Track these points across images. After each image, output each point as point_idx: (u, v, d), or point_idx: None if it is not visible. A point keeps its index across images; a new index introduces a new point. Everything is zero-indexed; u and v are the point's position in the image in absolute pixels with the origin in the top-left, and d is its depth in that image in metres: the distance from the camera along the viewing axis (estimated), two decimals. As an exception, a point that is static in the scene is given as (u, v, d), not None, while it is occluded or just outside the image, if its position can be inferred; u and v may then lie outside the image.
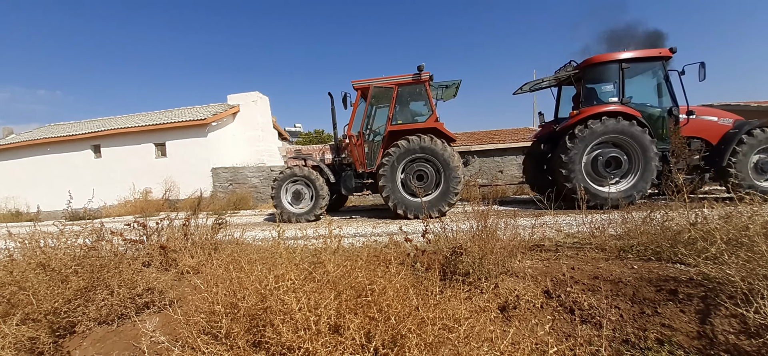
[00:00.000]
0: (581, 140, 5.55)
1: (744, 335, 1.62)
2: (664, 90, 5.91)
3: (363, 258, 1.83)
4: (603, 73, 5.96)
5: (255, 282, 1.63)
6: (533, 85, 7.21)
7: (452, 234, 2.79)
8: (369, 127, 6.69)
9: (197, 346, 1.45)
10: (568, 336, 1.91)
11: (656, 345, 1.74)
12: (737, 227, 2.16)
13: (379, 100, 6.59)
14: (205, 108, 15.21)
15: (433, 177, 5.99)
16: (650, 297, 2.04)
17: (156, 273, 2.65)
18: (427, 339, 1.33)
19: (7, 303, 2.07)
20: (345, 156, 6.97)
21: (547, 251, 2.98)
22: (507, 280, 2.39)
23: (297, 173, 6.54)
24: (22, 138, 15.45)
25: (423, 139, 5.84)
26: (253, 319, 1.55)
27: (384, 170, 6.00)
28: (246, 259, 1.97)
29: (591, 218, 3.26)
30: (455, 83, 6.78)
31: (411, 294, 1.55)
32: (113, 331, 2.15)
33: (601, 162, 5.62)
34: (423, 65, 6.00)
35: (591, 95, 6.10)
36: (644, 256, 2.56)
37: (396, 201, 6.01)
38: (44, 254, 2.35)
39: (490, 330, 1.48)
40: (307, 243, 2.93)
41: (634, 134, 5.45)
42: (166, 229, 3.40)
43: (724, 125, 5.85)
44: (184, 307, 1.88)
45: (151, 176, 12.97)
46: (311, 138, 34.26)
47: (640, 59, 5.81)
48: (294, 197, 6.70)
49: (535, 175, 7.30)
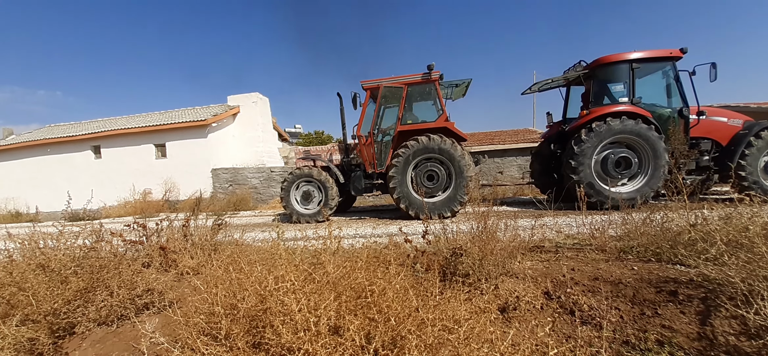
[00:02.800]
0: (597, 134, 5.52)
1: (744, 336, 1.62)
2: (674, 90, 5.90)
3: (363, 259, 1.83)
4: (613, 73, 5.94)
5: (255, 283, 1.63)
6: (542, 85, 7.18)
7: (452, 235, 2.78)
8: (378, 127, 6.64)
9: (197, 347, 1.45)
10: (569, 337, 1.91)
11: (656, 346, 1.74)
12: (737, 229, 2.16)
13: (388, 100, 6.56)
14: (205, 109, 15.22)
15: (444, 178, 5.95)
16: (650, 298, 2.04)
17: (156, 274, 2.65)
18: (427, 340, 1.32)
19: (6, 303, 2.07)
20: (354, 156, 6.94)
21: (548, 253, 2.97)
22: (507, 281, 2.39)
23: (307, 173, 6.50)
24: (22, 139, 15.45)
25: (433, 139, 5.76)
26: (252, 320, 1.54)
27: (394, 170, 5.93)
28: (246, 260, 1.96)
29: (591, 219, 3.26)
30: (465, 82, 6.75)
31: (411, 295, 1.55)
32: (113, 332, 2.15)
33: (611, 161, 5.60)
34: (433, 64, 5.97)
35: (601, 94, 6.08)
36: (644, 257, 2.55)
37: (408, 202, 5.95)
38: (44, 255, 2.35)
39: (490, 331, 1.48)
40: (306, 244, 2.93)
41: (647, 136, 5.42)
42: (166, 230, 3.40)
43: (734, 125, 5.83)
44: (184, 308, 1.88)
45: (151, 176, 12.97)
46: (311, 139, 34.28)
47: (651, 59, 5.79)
48: (303, 198, 6.67)
49: (542, 175, 7.28)
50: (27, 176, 14.74)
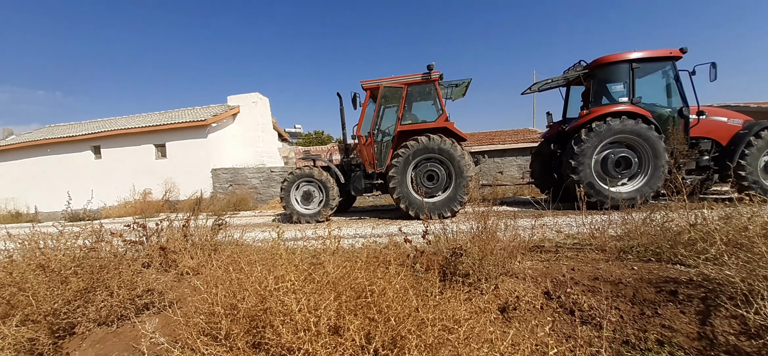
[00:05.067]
0: (597, 134, 5.53)
1: (744, 336, 1.62)
2: (674, 90, 5.90)
3: (363, 259, 1.83)
4: (613, 73, 5.95)
5: (255, 283, 1.63)
6: (542, 84, 7.18)
7: (452, 235, 2.78)
8: (378, 127, 6.64)
9: (197, 347, 1.45)
10: (569, 337, 1.91)
11: (656, 346, 1.74)
12: (737, 228, 2.16)
13: (388, 100, 6.56)
14: (205, 109, 15.22)
15: (444, 178, 5.95)
16: (650, 298, 2.04)
17: (156, 274, 2.65)
18: (426, 340, 1.32)
19: (6, 304, 2.07)
20: (354, 156, 6.93)
21: (547, 252, 2.97)
22: (507, 281, 2.39)
23: (308, 173, 6.50)
24: (22, 139, 15.45)
25: (433, 139, 5.76)
26: (252, 320, 1.55)
27: (394, 170, 5.93)
28: (246, 260, 1.96)
29: (591, 219, 3.26)
30: (465, 82, 6.75)
31: (411, 295, 1.55)
32: (113, 332, 2.15)
33: (611, 161, 5.61)
34: (433, 64, 5.97)
35: (601, 94, 6.09)
36: (644, 257, 2.55)
37: (408, 202, 5.95)
38: (44, 255, 2.35)
39: (490, 331, 1.48)
40: (306, 244, 2.93)
41: (647, 135, 5.42)
42: (166, 230, 3.40)
43: (734, 125, 5.84)
44: (184, 308, 1.88)
45: (151, 177, 12.97)
46: (311, 139, 34.27)
47: (651, 59, 5.79)
48: (304, 198, 6.67)
49: (542, 175, 7.29)
50: (27, 176, 14.75)
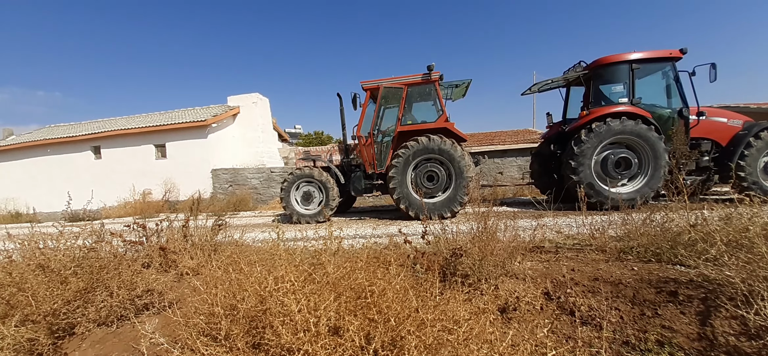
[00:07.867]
0: (597, 134, 5.53)
1: (744, 336, 1.62)
2: (674, 91, 5.91)
3: (363, 260, 1.83)
4: (613, 74, 5.95)
5: (254, 284, 1.62)
6: (542, 85, 7.19)
7: (452, 236, 2.78)
8: (378, 128, 6.64)
9: (197, 348, 1.44)
10: (569, 338, 1.91)
11: (656, 346, 1.74)
12: (737, 229, 2.16)
13: (388, 100, 6.57)
14: (205, 109, 15.22)
15: (444, 179, 5.95)
16: (650, 298, 2.04)
17: (155, 275, 2.65)
18: (426, 340, 1.32)
19: (6, 304, 2.07)
20: (354, 157, 6.94)
21: (547, 253, 2.97)
22: (507, 282, 2.39)
23: (308, 173, 6.49)
24: (22, 139, 15.46)
25: (433, 140, 5.75)
26: (252, 321, 1.54)
27: (394, 171, 5.92)
28: (245, 260, 1.96)
29: (591, 219, 3.26)
30: (465, 83, 6.75)
31: (411, 296, 1.55)
32: (112, 332, 2.15)
33: (611, 162, 5.61)
34: (433, 65, 5.98)
35: (600, 95, 6.09)
36: (644, 257, 2.55)
37: (408, 203, 5.94)
38: (43, 255, 2.35)
39: (489, 331, 1.48)
40: (306, 245, 2.93)
41: (647, 136, 5.42)
42: (166, 230, 3.40)
43: (734, 126, 5.84)
44: (184, 309, 1.87)
45: (151, 177, 12.97)
46: (311, 139, 34.28)
47: (651, 60, 5.80)
48: (304, 198, 6.66)
49: (542, 175, 7.29)
50: (27, 176, 14.76)
